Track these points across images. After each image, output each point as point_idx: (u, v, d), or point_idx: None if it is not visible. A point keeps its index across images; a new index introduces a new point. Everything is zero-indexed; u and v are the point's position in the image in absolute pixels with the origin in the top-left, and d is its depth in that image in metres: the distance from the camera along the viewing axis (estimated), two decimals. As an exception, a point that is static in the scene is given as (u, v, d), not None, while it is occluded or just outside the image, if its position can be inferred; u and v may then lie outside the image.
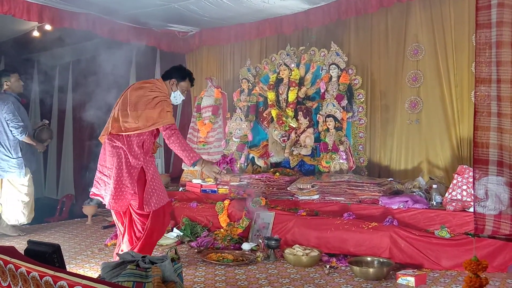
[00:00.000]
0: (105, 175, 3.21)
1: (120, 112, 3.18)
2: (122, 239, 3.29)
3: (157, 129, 3.25)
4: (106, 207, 3.23)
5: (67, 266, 2.77)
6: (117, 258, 3.36)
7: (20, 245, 3.97)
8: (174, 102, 3.39)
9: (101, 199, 3.31)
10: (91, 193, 3.34)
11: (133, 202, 3.22)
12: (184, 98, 3.47)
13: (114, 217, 3.34)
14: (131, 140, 3.18)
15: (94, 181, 3.30)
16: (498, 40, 1.91)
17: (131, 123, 3.13)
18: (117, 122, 3.17)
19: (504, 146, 1.82)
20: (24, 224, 4.90)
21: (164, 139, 3.22)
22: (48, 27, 5.48)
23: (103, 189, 3.23)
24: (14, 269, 2.00)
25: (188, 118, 6.59)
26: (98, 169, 3.29)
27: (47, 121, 5.27)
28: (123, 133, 3.15)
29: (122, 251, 3.20)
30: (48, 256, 2.39)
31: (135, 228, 3.24)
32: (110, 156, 3.19)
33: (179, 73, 3.40)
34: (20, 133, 4.66)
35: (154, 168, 3.30)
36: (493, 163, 1.82)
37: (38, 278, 1.84)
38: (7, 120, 4.63)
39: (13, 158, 4.68)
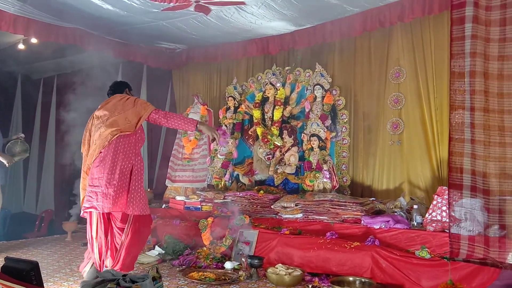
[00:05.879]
0: (95, 186, 3.28)
1: (107, 123, 3.33)
2: (106, 255, 3.30)
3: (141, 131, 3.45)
4: (101, 211, 3.26)
5: (45, 284, 2.70)
6: (84, 274, 3.36)
7: (-4, 262, 3.85)
8: None
9: (93, 210, 3.30)
10: (83, 208, 3.35)
11: (116, 214, 3.30)
12: None
13: (92, 230, 3.34)
14: (125, 142, 3.34)
15: (86, 196, 3.33)
16: (472, 70, 1.98)
17: (123, 123, 3.32)
18: (112, 131, 3.31)
19: (477, 172, 1.88)
20: None
21: (162, 123, 3.42)
22: (34, 40, 5.47)
23: (94, 200, 3.27)
24: (-10, 288, 1.95)
25: (173, 135, 6.57)
26: (88, 183, 3.34)
27: (22, 135, 5.12)
28: (119, 134, 3.31)
29: (106, 266, 3.25)
30: (26, 274, 2.33)
31: (115, 242, 3.32)
32: (104, 163, 3.27)
33: (125, 85, 3.78)
34: None
35: (140, 172, 3.42)
36: (467, 188, 1.87)
37: (15, 297, 1.80)
38: None
39: None
